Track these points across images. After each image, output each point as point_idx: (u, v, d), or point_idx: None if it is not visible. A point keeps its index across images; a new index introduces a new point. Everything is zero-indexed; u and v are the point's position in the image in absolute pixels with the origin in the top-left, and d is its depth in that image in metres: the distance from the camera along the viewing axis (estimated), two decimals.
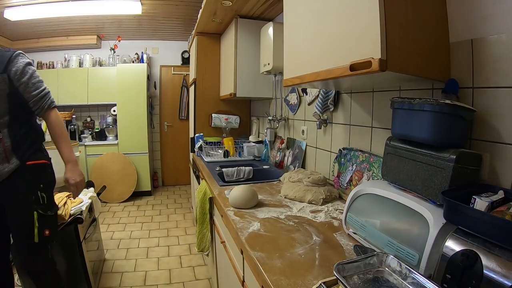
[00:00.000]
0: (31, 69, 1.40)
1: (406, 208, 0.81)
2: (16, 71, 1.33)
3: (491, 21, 0.80)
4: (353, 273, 0.67)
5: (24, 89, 1.37)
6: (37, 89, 1.41)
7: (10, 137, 1.35)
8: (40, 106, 1.42)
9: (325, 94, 1.60)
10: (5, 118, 1.34)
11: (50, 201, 1.47)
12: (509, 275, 0.53)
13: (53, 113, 1.47)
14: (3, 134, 1.34)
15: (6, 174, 1.35)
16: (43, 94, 1.43)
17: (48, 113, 1.46)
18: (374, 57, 0.76)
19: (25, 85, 1.36)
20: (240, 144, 2.62)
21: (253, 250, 0.92)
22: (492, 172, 0.80)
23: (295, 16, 1.23)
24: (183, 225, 3.34)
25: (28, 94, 1.39)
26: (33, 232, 1.38)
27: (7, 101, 1.34)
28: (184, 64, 4.69)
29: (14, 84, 1.34)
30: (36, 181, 1.42)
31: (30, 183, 1.41)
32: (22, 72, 1.35)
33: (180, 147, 4.83)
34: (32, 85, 1.39)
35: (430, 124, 0.79)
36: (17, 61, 1.35)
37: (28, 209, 1.38)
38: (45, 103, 1.44)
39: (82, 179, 1.52)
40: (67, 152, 1.48)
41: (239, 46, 2.42)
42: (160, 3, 3.18)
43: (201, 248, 1.90)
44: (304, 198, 1.37)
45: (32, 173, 1.42)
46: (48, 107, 1.44)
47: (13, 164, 1.36)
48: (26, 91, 1.38)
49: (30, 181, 1.41)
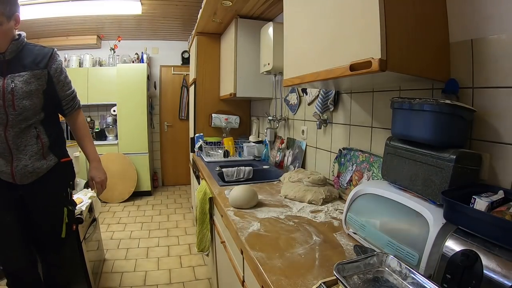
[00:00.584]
0: (64, 68, 1.44)
1: (406, 208, 0.81)
2: (57, 69, 1.36)
3: (491, 21, 0.80)
4: (353, 273, 0.67)
5: (61, 87, 1.40)
6: (70, 89, 1.46)
7: (47, 134, 1.36)
8: (71, 106, 1.48)
9: (325, 94, 1.60)
10: (41, 115, 1.35)
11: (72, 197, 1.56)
12: (509, 275, 0.53)
13: (81, 113, 1.56)
14: (40, 130, 1.34)
15: (45, 171, 1.36)
16: (75, 95, 1.50)
17: (77, 113, 1.52)
18: (374, 57, 0.76)
19: (62, 83, 1.40)
20: (240, 144, 2.62)
21: (253, 250, 0.92)
22: (492, 172, 0.80)
23: (295, 16, 1.23)
24: (183, 225, 3.34)
25: (63, 93, 1.42)
26: (61, 228, 1.42)
27: (43, 97, 1.33)
28: (184, 64, 4.69)
29: (53, 81, 1.35)
30: (66, 177, 1.49)
31: (63, 180, 1.46)
32: (62, 70, 1.39)
33: (180, 147, 4.83)
34: (66, 85, 1.43)
35: (430, 124, 0.79)
36: (56, 58, 1.37)
37: (60, 205, 1.43)
38: (76, 103, 1.50)
39: (107, 177, 1.57)
40: (93, 151, 1.55)
41: (239, 46, 2.42)
42: (160, 3, 3.18)
43: (201, 248, 1.90)
44: (304, 198, 1.37)
45: (64, 170, 1.47)
46: (77, 107, 1.52)
47: (51, 161, 1.38)
48: (62, 90, 1.41)
49: (63, 178, 1.46)
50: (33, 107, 1.29)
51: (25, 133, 1.30)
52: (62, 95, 1.41)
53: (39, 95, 1.30)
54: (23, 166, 1.29)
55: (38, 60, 1.31)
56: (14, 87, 1.23)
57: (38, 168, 1.33)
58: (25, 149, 1.29)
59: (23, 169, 1.29)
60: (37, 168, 1.33)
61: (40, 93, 1.31)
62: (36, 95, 1.29)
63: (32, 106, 1.28)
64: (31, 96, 1.27)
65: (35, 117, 1.31)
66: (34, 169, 1.32)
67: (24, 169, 1.30)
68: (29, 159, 1.30)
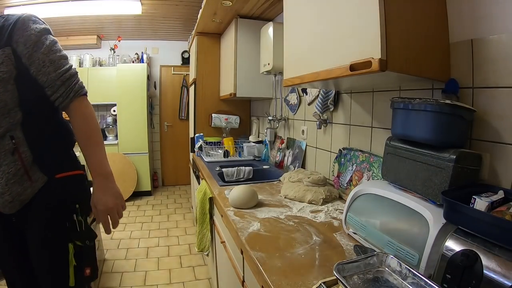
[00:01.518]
0: (49, 38, 0.93)
1: (406, 208, 0.81)
2: (26, 42, 0.89)
3: (491, 21, 0.80)
4: (353, 273, 0.67)
5: (38, 69, 0.91)
6: (59, 68, 0.93)
7: (29, 144, 0.93)
8: (63, 94, 0.94)
9: (325, 94, 1.60)
10: (15, 116, 0.90)
11: (87, 226, 1.03)
12: (509, 275, 0.53)
13: (82, 104, 0.98)
14: (18, 140, 0.91)
15: (30, 196, 0.94)
16: (68, 76, 0.94)
17: (75, 104, 0.97)
18: (374, 57, 0.76)
19: (39, 62, 0.91)
20: (240, 144, 2.62)
21: (253, 250, 0.92)
22: (492, 172, 0.80)
23: (295, 16, 1.23)
24: (183, 225, 3.34)
25: (45, 77, 0.91)
26: (67, 273, 0.95)
27: (16, 89, 0.89)
28: (184, 64, 4.69)
29: (23, 62, 0.89)
30: (70, 200, 1.00)
31: (62, 204, 0.98)
32: (36, 43, 0.90)
33: (180, 147, 4.83)
34: (50, 63, 0.92)
35: (430, 124, 0.79)
36: (26, 27, 0.89)
37: (60, 241, 0.96)
38: (70, 89, 0.95)
39: (118, 203, 0.98)
40: (97, 161, 0.96)
41: (239, 46, 2.42)
42: (160, 3, 3.17)
43: (201, 248, 1.90)
44: (304, 198, 1.37)
45: (64, 189, 1.00)
46: (75, 95, 0.96)
47: (38, 182, 0.95)
48: (41, 72, 0.91)
49: (62, 201, 0.98)
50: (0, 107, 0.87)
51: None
52: (43, 80, 0.92)
53: (9, 86, 0.88)
54: (4, 191, 0.90)
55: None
56: None
57: (20, 194, 0.92)
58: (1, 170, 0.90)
59: (3, 196, 0.91)
60: (17, 196, 0.91)
61: (8, 83, 0.88)
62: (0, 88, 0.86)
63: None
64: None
65: (5, 120, 0.88)
66: (14, 198, 0.91)
67: (1, 198, 0.90)
68: (6, 185, 0.89)
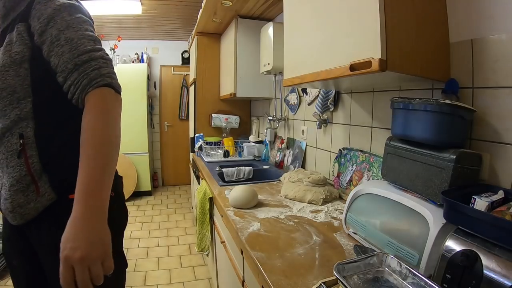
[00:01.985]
0: (73, 14, 0.74)
1: (406, 208, 0.81)
2: (40, 17, 0.71)
3: (491, 21, 0.80)
4: (353, 273, 0.67)
5: (50, 48, 0.71)
6: (76, 48, 0.71)
7: (38, 148, 0.75)
8: (74, 81, 0.71)
9: (325, 94, 1.60)
10: (24, 108, 0.74)
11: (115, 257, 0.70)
12: (509, 275, 0.53)
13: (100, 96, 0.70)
14: (27, 141, 0.74)
15: (34, 213, 0.76)
16: (85, 58, 0.71)
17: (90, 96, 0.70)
18: (374, 57, 0.76)
19: (52, 40, 0.71)
20: (240, 144, 2.62)
21: (253, 250, 0.92)
22: (492, 172, 0.80)
23: (295, 16, 1.23)
24: (183, 225, 3.34)
25: (57, 58, 0.71)
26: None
27: (29, 73, 0.73)
28: (184, 64, 4.69)
29: (35, 41, 0.73)
30: None
31: None
32: (52, 17, 0.71)
33: (180, 147, 4.83)
34: (66, 41, 0.71)
35: (430, 124, 0.79)
36: (47, 1, 0.73)
37: None
38: (85, 75, 0.70)
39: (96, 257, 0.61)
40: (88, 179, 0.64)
41: (239, 46, 2.42)
42: (160, 3, 3.17)
43: (201, 248, 1.90)
44: (304, 198, 1.37)
45: None
46: (89, 84, 0.70)
47: (44, 197, 0.75)
48: (54, 53, 0.71)
49: None
50: (6, 93, 0.72)
51: (3, 144, 0.75)
52: (55, 63, 0.71)
53: (19, 70, 0.72)
54: (3, 198, 0.77)
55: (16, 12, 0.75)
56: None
57: (21, 206, 0.75)
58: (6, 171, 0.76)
59: (4, 204, 0.77)
60: (18, 207, 0.75)
61: (21, 66, 0.72)
62: (10, 72, 0.72)
63: (2, 91, 0.72)
64: (3, 74, 0.72)
65: (12, 113, 0.73)
66: (14, 208, 0.75)
67: (4, 204, 0.76)
68: (9, 190, 0.75)
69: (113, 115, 0.72)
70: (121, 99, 0.76)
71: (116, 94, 0.74)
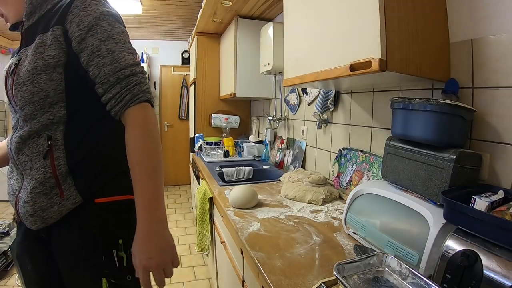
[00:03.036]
0: (113, 25, 0.74)
1: (406, 208, 0.81)
2: (80, 23, 0.70)
3: (491, 21, 0.80)
4: (353, 273, 0.67)
5: (90, 57, 0.71)
6: (117, 61, 0.72)
7: (67, 149, 0.75)
8: (116, 95, 0.72)
9: (325, 94, 1.60)
10: (58, 114, 0.74)
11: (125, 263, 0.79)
12: (509, 275, 0.53)
13: (141, 111, 0.73)
14: (55, 142, 0.74)
15: (57, 217, 0.75)
16: (128, 73, 0.72)
17: (131, 111, 0.72)
18: (374, 57, 0.76)
19: (92, 50, 0.71)
20: (240, 144, 2.62)
21: (253, 250, 0.92)
22: (492, 172, 0.80)
23: (295, 16, 1.23)
24: (183, 225, 3.34)
25: (97, 69, 0.71)
26: None
27: (63, 79, 0.73)
28: (184, 64, 4.69)
29: (73, 47, 0.72)
30: (111, 233, 0.78)
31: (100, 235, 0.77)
32: (92, 26, 0.71)
33: (180, 147, 4.83)
34: (107, 53, 0.71)
35: (430, 124, 0.79)
36: (86, 6, 0.71)
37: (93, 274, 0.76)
38: (128, 91, 0.71)
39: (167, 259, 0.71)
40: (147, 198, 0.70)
41: (239, 46, 2.42)
42: (160, 3, 3.17)
43: (201, 248, 1.90)
44: (304, 198, 1.37)
45: (104, 219, 0.78)
46: (132, 99, 0.72)
47: (68, 201, 0.75)
48: (94, 63, 0.71)
49: (99, 232, 0.77)
50: (38, 98, 0.71)
51: (27, 145, 0.74)
52: (95, 74, 0.72)
53: (52, 74, 0.71)
54: (23, 202, 0.75)
55: (50, 15, 0.73)
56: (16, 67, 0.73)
57: (43, 210, 0.73)
58: (29, 173, 0.75)
59: (23, 207, 0.75)
60: (40, 210, 0.73)
61: (55, 71, 0.72)
62: (43, 76, 0.71)
63: (34, 95, 0.71)
64: (34, 78, 0.70)
65: (44, 116, 0.73)
66: (35, 211, 0.73)
67: (24, 207, 0.74)
68: (30, 193, 0.73)
69: (154, 131, 0.74)
70: (155, 114, 0.79)
71: (153, 110, 0.77)
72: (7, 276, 2.23)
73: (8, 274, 2.25)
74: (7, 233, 2.46)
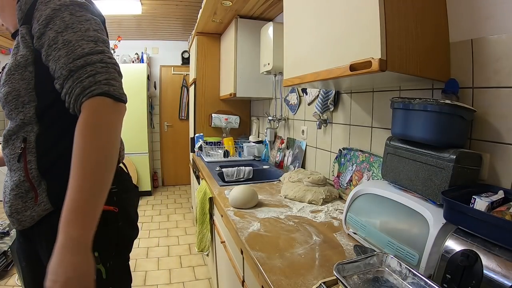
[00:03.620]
0: (75, 13, 0.68)
1: (406, 208, 0.81)
2: (39, 19, 0.66)
3: (491, 21, 0.80)
4: (353, 273, 0.67)
5: (48, 52, 0.66)
6: (73, 51, 0.64)
7: (37, 153, 0.71)
8: (69, 91, 0.65)
9: (325, 94, 1.60)
10: (28, 113, 0.71)
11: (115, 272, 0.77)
12: (509, 275, 0.53)
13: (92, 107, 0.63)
14: (28, 145, 0.71)
15: (30, 221, 0.72)
16: (81, 63, 0.64)
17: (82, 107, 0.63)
18: (374, 57, 0.76)
19: (49, 43, 0.66)
20: (240, 144, 2.62)
21: (253, 250, 0.92)
22: (492, 172, 0.80)
23: (295, 16, 1.23)
24: (183, 225, 3.34)
25: (54, 63, 0.66)
26: None
27: (33, 77, 0.70)
28: (184, 64, 4.69)
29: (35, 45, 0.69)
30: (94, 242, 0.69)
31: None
32: (51, 18, 0.66)
33: (180, 147, 4.83)
34: (63, 44, 0.65)
35: (430, 124, 0.79)
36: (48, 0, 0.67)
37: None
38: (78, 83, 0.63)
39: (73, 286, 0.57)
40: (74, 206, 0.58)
41: (239, 46, 2.42)
42: (160, 3, 3.17)
43: (201, 248, 1.90)
44: (304, 198, 1.37)
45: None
46: (82, 93, 0.63)
47: (39, 207, 0.71)
48: (51, 57, 0.66)
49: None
50: (11, 97, 0.70)
51: (8, 146, 0.73)
52: (53, 68, 0.66)
53: (24, 73, 0.69)
54: (4, 201, 0.75)
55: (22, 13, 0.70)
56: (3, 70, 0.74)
57: (18, 212, 0.71)
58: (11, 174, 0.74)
59: (4, 207, 0.75)
60: (15, 212, 0.71)
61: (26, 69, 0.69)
62: (16, 75, 0.69)
63: (8, 95, 0.70)
64: (10, 78, 0.70)
65: (17, 117, 0.71)
66: (12, 213, 0.72)
67: (5, 207, 0.74)
68: (9, 194, 0.72)
69: (106, 130, 0.63)
70: (121, 108, 0.67)
71: (114, 103, 0.65)
72: (7, 276, 2.23)
73: (8, 274, 2.25)
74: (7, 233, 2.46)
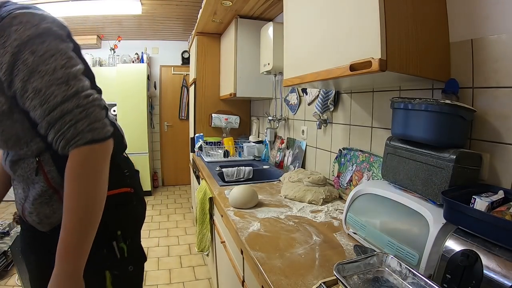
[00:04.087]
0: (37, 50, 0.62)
1: (406, 208, 0.81)
2: (1, 67, 0.61)
3: (491, 21, 0.80)
4: (353, 273, 0.67)
5: (22, 101, 0.65)
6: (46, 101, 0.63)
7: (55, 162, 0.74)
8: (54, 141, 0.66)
9: (325, 94, 1.60)
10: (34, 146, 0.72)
11: (133, 250, 0.84)
12: (509, 275, 0.53)
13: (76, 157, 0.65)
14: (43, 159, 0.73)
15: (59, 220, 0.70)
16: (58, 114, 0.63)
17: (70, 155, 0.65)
18: (374, 57, 0.76)
19: (20, 93, 0.64)
20: (240, 144, 2.62)
21: (253, 250, 0.92)
22: (492, 172, 0.80)
23: (295, 16, 1.23)
24: (183, 225, 3.34)
25: (32, 112, 0.65)
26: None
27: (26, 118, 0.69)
28: (184, 64, 4.69)
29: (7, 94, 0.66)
30: (109, 225, 0.78)
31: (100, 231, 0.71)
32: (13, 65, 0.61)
33: (180, 147, 4.83)
34: (34, 93, 0.63)
35: (430, 124, 0.79)
36: (5, 40, 0.60)
37: (95, 268, 0.74)
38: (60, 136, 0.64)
39: None
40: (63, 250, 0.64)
41: (239, 46, 2.42)
42: (160, 3, 3.17)
43: (201, 248, 1.90)
44: (304, 198, 1.37)
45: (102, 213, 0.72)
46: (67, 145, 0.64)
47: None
48: (27, 106, 0.65)
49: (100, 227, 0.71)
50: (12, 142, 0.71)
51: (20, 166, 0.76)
52: (33, 116, 0.66)
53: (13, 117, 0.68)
54: (28, 212, 0.76)
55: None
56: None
57: (48, 217, 0.75)
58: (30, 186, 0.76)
59: (29, 217, 0.77)
60: (45, 218, 0.75)
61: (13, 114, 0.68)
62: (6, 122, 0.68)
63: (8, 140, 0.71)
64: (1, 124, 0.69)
65: (23, 151, 0.73)
66: (41, 220, 0.75)
67: (30, 217, 0.76)
68: (32, 204, 0.75)
69: (93, 178, 0.67)
70: (108, 145, 0.69)
71: (101, 145, 0.67)
72: (7, 276, 2.23)
73: (8, 274, 2.25)
74: (7, 233, 2.46)
